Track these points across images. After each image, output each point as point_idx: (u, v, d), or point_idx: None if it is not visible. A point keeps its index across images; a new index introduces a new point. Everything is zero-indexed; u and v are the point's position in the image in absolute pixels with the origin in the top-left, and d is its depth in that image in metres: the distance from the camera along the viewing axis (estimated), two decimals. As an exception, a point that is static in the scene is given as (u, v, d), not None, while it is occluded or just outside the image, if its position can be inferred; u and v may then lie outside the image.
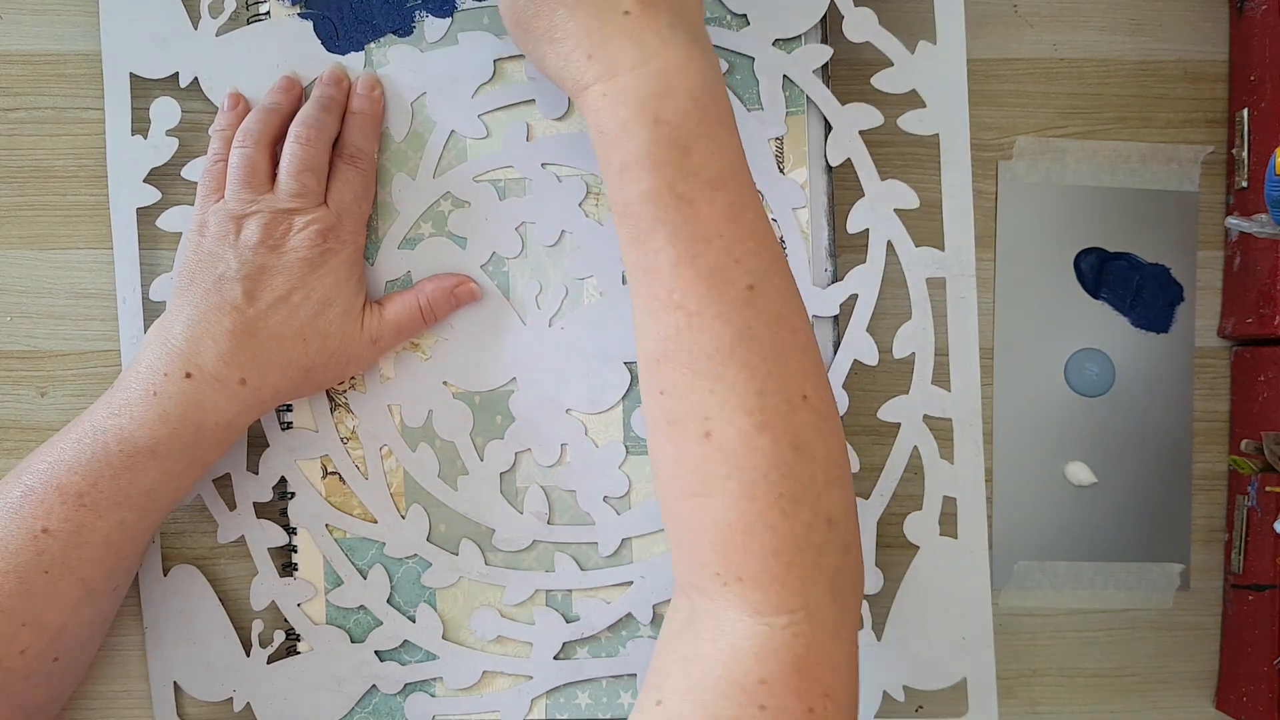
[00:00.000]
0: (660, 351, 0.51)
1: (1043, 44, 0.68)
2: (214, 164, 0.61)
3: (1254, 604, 0.65)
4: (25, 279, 0.66)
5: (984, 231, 0.67)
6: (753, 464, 0.49)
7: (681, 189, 0.50)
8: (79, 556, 0.56)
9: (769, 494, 0.49)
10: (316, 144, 0.60)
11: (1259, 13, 0.64)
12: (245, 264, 0.57)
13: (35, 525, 0.55)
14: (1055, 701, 0.69)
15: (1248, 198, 0.66)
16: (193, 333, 0.57)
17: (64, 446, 0.56)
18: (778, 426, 0.50)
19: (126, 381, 0.57)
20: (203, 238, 0.58)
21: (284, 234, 0.58)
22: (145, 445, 0.55)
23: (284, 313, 0.58)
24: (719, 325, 0.50)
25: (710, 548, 0.50)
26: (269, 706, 0.64)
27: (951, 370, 0.65)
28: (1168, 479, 0.68)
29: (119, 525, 0.56)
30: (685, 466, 0.50)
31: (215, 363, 0.56)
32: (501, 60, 0.64)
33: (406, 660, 0.64)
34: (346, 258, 0.60)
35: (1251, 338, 0.66)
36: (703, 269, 0.50)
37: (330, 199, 0.60)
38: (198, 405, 0.56)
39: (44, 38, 0.66)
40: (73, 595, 0.56)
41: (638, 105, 0.50)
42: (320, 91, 0.62)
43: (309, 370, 0.59)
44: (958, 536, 0.65)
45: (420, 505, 0.64)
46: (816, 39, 0.64)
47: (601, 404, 0.64)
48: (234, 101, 0.62)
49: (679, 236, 0.50)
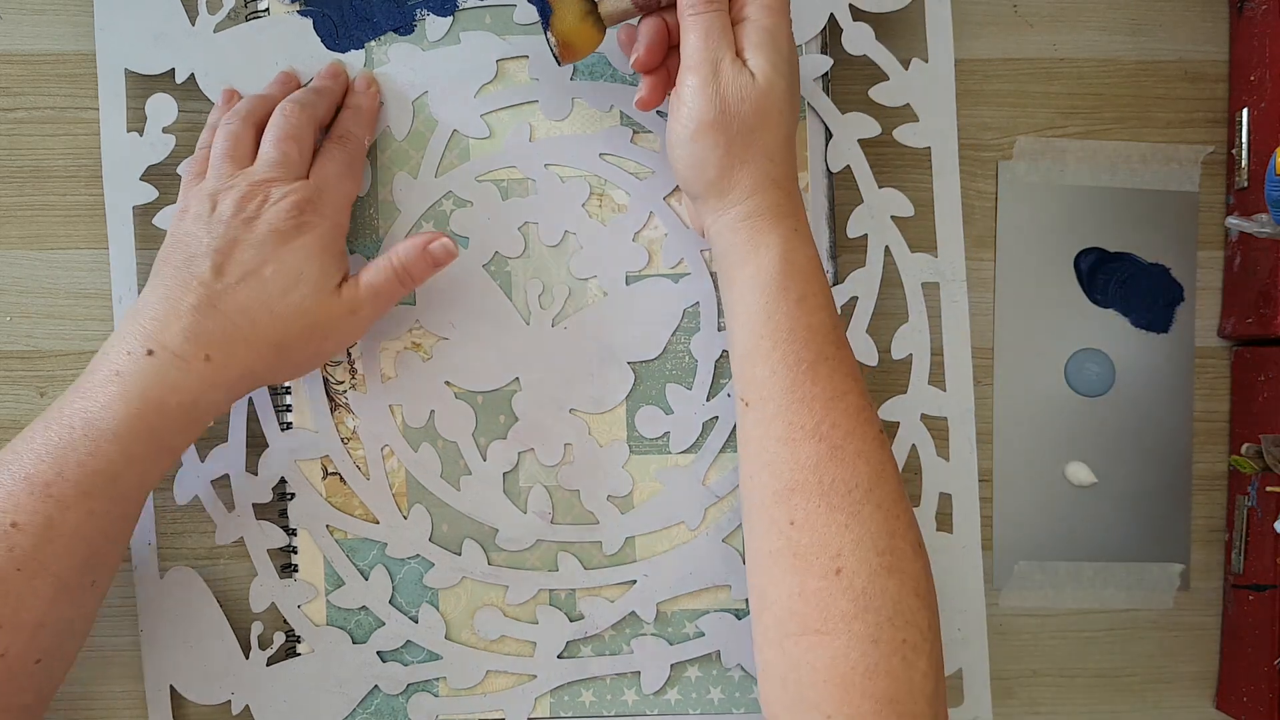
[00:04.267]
0: (795, 481, 0.52)
1: (1043, 44, 0.68)
2: (199, 150, 0.61)
3: (1254, 604, 0.65)
4: (25, 279, 0.66)
5: (984, 231, 0.68)
6: (880, 606, 0.49)
7: (839, 330, 0.55)
8: (50, 551, 0.53)
9: (893, 639, 0.49)
10: (300, 117, 0.59)
11: (1259, 13, 0.64)
12: (216, 238, 0.56)
13: (4, 520, 0.52)
14: (1055, 701, 0.69)
15: (1248, 198, 0.66)
16: (158, 310, 0.55)
17: (32, 435, 0.54)
18: (904, 571, 0.51)
19: (93, 365, 0.55)
20: (182, 220, 0.57)
21: (259, 206, 0.56)
22: (109, 428, 0.53)
23: (253, 286, 0.56)
24: (860, 463, 0.51)
25: (825, 688, 0.49)
26: (268, 708, 0.64)
27: (946, 371, 0.66)
28: (1168, 479, 0.68)
29: (88, 516, 0.54)
30: (808, 602, 0.50)
31: (178, 339, 0.54)
32: (504, 60, 0.64)
33: (409, 661, 0.64)
34: (324, 233, 0.58)
35: (1251, 338, 0.66)
36: (851, 406, 0.53)
37: (313, 173, 0.59)
38: (159, 383, 0.54)
39: (43, 38, 0.66)
40: (47, 591, 0.53)
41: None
42: (316, 80, 0.62)
43: (281, 347, 0.57)
44: (953, 532, 0.66)
45: (423, 505, 0.64)
46: (817, 49, 0.65)
47: (605, 404, 0.64)
48: (228, 96, 0.62)
49: (838, 372, 0.53)
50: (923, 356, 0.66)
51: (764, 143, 0.54)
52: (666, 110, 0.63)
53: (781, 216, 0.55)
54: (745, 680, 0.65)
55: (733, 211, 0.55)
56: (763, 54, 0.54)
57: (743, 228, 0.55)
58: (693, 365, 0.64)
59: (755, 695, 0.65)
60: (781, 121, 0.55)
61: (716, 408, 0.64)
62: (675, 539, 0.64)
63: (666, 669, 0.64)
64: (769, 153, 0.55)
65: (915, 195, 0.65)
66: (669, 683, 0.65)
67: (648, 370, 0.64)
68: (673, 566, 0.64)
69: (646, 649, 0.64)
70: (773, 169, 0.55)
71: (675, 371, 0.64)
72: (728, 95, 0.53)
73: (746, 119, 0.54)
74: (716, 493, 0.64)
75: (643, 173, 0.64)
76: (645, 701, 0.65)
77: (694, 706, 0.65)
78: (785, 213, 0.55)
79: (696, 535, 0.64)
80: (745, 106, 0.53)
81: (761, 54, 0.54)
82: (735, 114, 0.53)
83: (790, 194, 0.56)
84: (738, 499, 0.64)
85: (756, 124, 0.54)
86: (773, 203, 0.55)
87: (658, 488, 0.64)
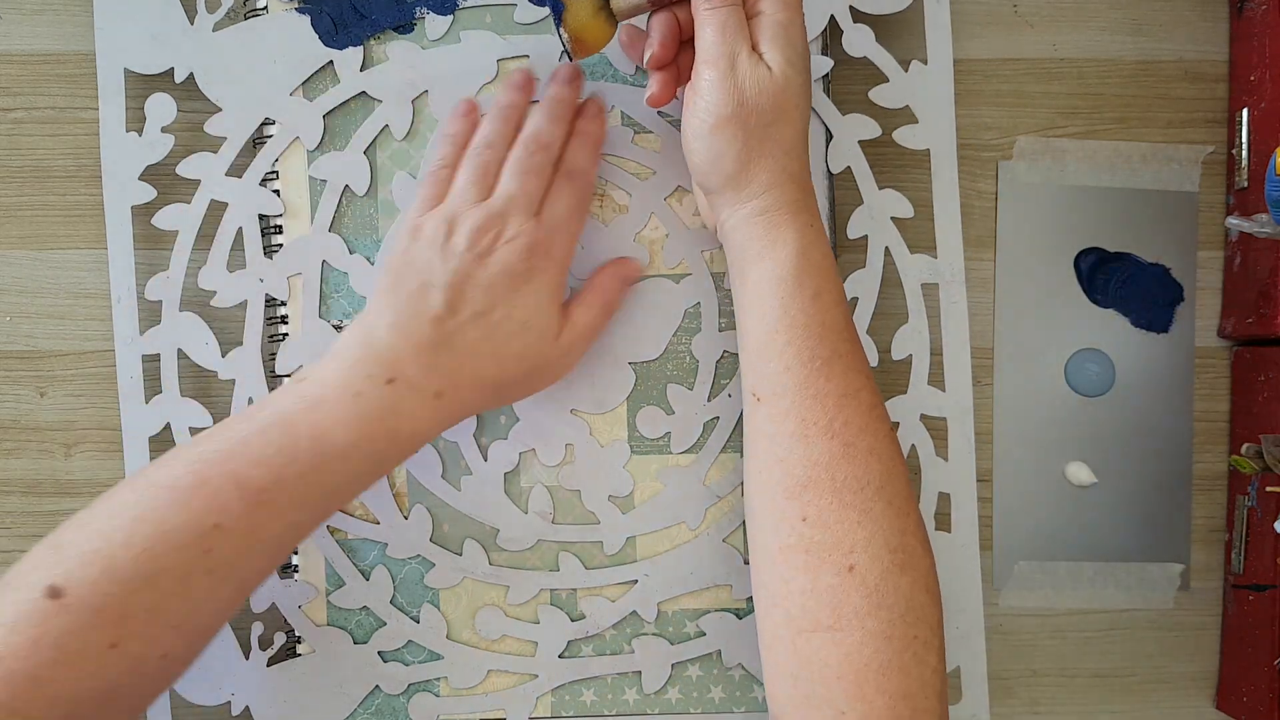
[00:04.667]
0: (808, 477, 0.52)
1: (1043, 44, 0.68)
2: (440, 169, 0.59)
3: (1254, 604, 0.65)
4: (25, 279, 0.66)
5: (984, 231, 0.68)
6: (893, 603, 0.50)
7: (852, 327, 0.55)
8: (245, 559, 0.52)
9: (905, 635, 0.50)
10: (543, 158, 0.59)
11: (1259, 13, 0.64)
12: (450, 272, 0.55)
13: (207, 521, 0.50)
14: (1055, 701, 0.69)
15: (1248, 198, 0.66)
16: (395, 338, 0.54)
17: (246, 435, 0.52)
18: (915, 568, 0.51)
19: (323, 377, 0.54)
20: (415, 241, 0.56)
21: (492, 242, 0.56)
22: (339, 446, 0.53)
23: (482, 327, 0.55)
24: (871, 460, 0.51)
25: (838, 684, 0.50)
26: (269, 709, 0.64)
27: (945, 371, 0.66)
28: (1168, 479, 0.68)
29: (291, 528, 0.53)
30: (820, 599, 0.51)
31: (416, 372, 0.54)
32: (505, 60, 0.64)
33: (410, 661, 0.64)
34: (551, 279, 0.57)
35: (1251, 338, 0.66)
36: (864, 404, 0.53)
37: (544, 212, 0.58)
38: (395, 412, 0.54)
39: (43, 38, 0.66)
40: (228, 596, 0.52)
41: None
42: (552, 91, 0.61)
43: (500, 388, 0.57)
44: (952, 531, 0.66)
45: (424, 506, 0.64)
46: (818, 51, 0.65)
47: (606, 404, 0.64)
48: (468, 108, 0.61)
49: (851, 370, 0.53)
50: (922, 357, 0.66)
51: (781, 137, 0.54)
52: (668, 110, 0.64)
53: (798, 211, 0.55)
54: (746, 679, 0.65)
55: (749, 206, 0.55)
56: (778, 48, 0.54)
57: (759, 222, 0.55)
58: (694, 366, 0.64)
59: (755, 694, 0.65)
60: (797, 116, 0.55)
61: (717, 408, 0.64)
62: (676, 539, 0.65)
63: (667, 668, 0.64)
64: (785, 147, 0.55)
65: (915, 196, 0.65)
66: (670, 682, 0.65)
67: (648, 371, 0.64)
68: (673, 566, 0.64)
69: (647, 648, 0.64)
70: (789, 163, 0.55)
71: (676, 372, 0.64)
72: (745, 89, 0.53)
73: (764, 113, 0.53)
74: (717, 493, 0.64)
75: (644, 173, 0.64)
76: (646, 701, 0.65)
77: (695, 705, 0.65)
78: (801, 208, 0.55)
79: (697, 535, 0.64)
80: (763, 100, 0.53)
81: (777, 48, 0.54)
82: (753, 108, 0.53)
83: (805, 189, 0.56)
84: (738, 499, 0.64)
85: (774, 118, 0.54)
86: (790, 198, 0.55)
87: (659, 488, 0.64)
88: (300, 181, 0.64)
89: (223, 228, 0.64)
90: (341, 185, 0.64)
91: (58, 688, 0.48)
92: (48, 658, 0.48)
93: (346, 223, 0.64)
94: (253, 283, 0.64)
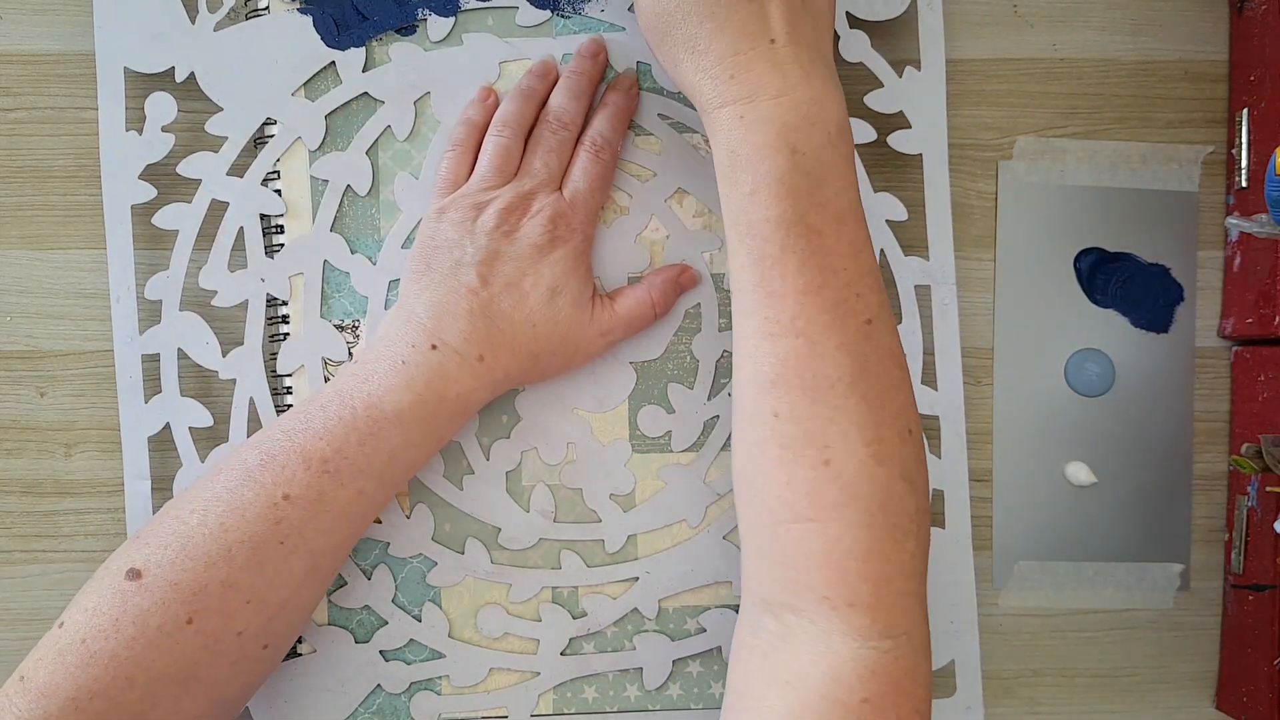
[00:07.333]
0: (776, 375, 0.51)
1: (1043, 44, 0.68)
2: (453, 150, 0.62)
3: (1254, 604, 0.66)
4: (25, 279, 0.66)
5: (984, 231, 0.68)
6: (870, 494, 0.50)
7: (812, 219, 0.51)
8: (315, 528, 0.55)
9: (884, 524, 0.50)
10: (565, 136, 0.62)
11: (1259, 13, 0.65)
12: (480, 249, 0.58)
13: (276, 492, 0.54)
14: (1055, 701, 0.69)
15: (1248, 198, 0.66)
16: (435, 311, 0.58)
17: (308, 414, 0.56)
18: (892, 459, 0.51)
19: (372, 353, 0.57)
20: (440, 224, 0.60)
21: (518, 220, 0.59)
22: (391, 411, 0.56)
23: (515, 298, 0.59)
24: (840, 356, 0.51)
25: (821, 572, 0.50)
26: (269, 709, 0.64)
27: (937, 370, 0.66)
28: (1168, 479, 0.68)
29: (358, 495, 0.56)
30: (797, 491, 0.51)
31: (457, 338, 0.57)
32: (507, 63, 0.64)
33: (412, 659, 0.64)
34: (575, 247, 0.60)
35: (1251, 338, 0.66)
36: (828, 300, 0.51)
37: (566, 186, 0.61)
38: (442, 375, 0.57)
39: (43, 38, 0.66)
40: (301, 570, 0.55)
41: (778, 133, 0.51)
42: (575, 65, 0.63)
43: (537, 356, 0.60)
44: (945, 527, 0.66)
45: (425, 505, 0.64)
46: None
47: (608, 403, 0.64)
48: (485, 94, 0.63)
49: (807, 265, 0.51)
50: (916, 357, 0.66)
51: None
52: (669, 113, 0.64)
53: (726, 101, 0.52)
54: (747, 679, 0.65)
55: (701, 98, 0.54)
56: None
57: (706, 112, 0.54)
58: (694, 365, 0.64)
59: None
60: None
61: (717, 407, 0.64)
62: (677, 536, 0.65)
63: (668, 665, 0.65)
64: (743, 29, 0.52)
65: (911, 197, 0.66)
66: (671, 678, 0.65)
67: (649, 370, 0.64)
68: (674, 563, 0.64)
69: (648, 645, 0.65)
70: (703, 59, 0.53)
71: (677, 371, 0.64)
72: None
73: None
74: (717, 491, 0.65)
75: (644, 175, 0.64)
76: (647, 697, 0.65)
77: (696, 701, 0.65)
78: (730, 98, 0.52)
79: (698, 533, 0.65)
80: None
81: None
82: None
83: (736, 76, 0.52)
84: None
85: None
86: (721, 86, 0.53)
87: (659, 486, 0.64)
88: (302, 181, 0.64)
89: (224, 227, 0.64)
90: (343, 185, 0.64)
91: (136, 666, 0.51)
92: (128, 636, 0.51)
93: (348, 223, 0.64)
94: (254, 282, 0.64)
